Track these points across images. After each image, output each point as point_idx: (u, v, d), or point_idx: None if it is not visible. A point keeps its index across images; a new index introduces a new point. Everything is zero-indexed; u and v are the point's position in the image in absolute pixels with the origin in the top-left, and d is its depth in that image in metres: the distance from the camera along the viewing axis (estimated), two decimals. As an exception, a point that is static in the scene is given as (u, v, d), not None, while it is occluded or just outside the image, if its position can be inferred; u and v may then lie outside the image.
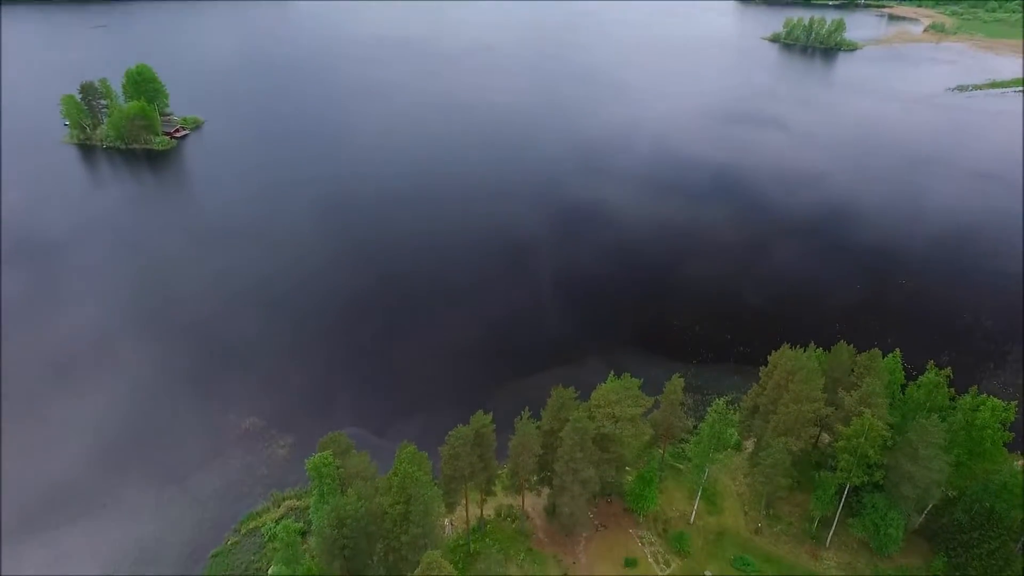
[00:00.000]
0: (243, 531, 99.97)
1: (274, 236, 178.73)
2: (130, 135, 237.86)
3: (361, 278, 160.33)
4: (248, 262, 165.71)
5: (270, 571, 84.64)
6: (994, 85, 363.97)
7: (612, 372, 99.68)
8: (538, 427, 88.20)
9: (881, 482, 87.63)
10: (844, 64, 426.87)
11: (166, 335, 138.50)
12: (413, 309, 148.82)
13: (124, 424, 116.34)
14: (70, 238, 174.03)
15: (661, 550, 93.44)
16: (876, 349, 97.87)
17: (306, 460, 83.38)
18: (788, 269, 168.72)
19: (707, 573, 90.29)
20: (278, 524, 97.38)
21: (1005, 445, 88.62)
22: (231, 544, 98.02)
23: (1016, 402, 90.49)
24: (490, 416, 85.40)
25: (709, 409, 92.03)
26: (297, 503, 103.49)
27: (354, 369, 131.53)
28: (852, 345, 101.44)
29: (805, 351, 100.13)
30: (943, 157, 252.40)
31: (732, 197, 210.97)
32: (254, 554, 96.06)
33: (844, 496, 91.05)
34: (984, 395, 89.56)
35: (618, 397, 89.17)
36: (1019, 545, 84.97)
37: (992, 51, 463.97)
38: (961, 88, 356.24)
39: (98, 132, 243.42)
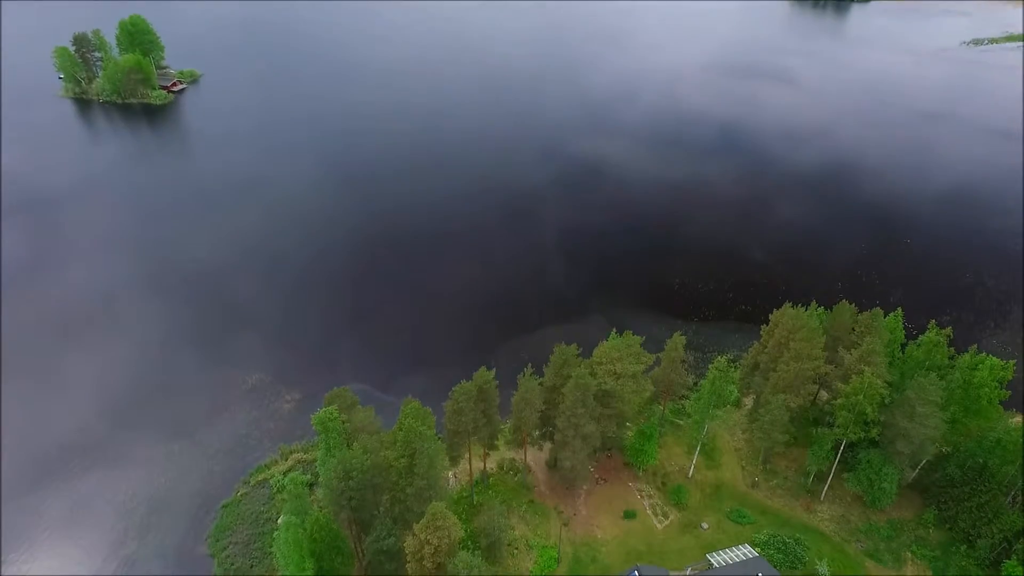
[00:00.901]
0: (252, 483, 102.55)
1: (275, 191, 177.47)
2: (126, 89, 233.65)
3: (364, 234, 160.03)
4: (250, 218, 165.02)
5: (280, 520, 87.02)
6: (1011, 39, 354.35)
7: (614, 329, 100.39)
8: (540, 383, 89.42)
9: (877, 438, 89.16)
10: (857, 17, 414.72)
11: (169, 291, 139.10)
12: (417, 266, 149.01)
13: (131, 379, 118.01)
14: (70, 194, 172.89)
15: (659, 503, 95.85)
16: (878, 308, 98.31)
17: (312, 415, 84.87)
18: (793, 226, 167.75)
19: (704, 525, 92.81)
20: (286, 476, 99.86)
21: (1002, 403, 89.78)
22: (241, 495, 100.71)
23: (1015, 361, 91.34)
24: (493, 372, 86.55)
25: (710, 366, 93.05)
26: (304, 456, 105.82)
27: (358, 325, 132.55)
28: (854, 304, 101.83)
29: (807, 310, 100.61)
30: (954, 112, 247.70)
31: (738, 152, 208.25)
32: (263, 504, 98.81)
33: (840, 452, 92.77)
34: (984, 354, 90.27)
35: (620, 354, 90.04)
36: (1008, 498, 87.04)
37: (1009, 3, 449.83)
38: (976, 42, 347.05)
39: (94, 86, 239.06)
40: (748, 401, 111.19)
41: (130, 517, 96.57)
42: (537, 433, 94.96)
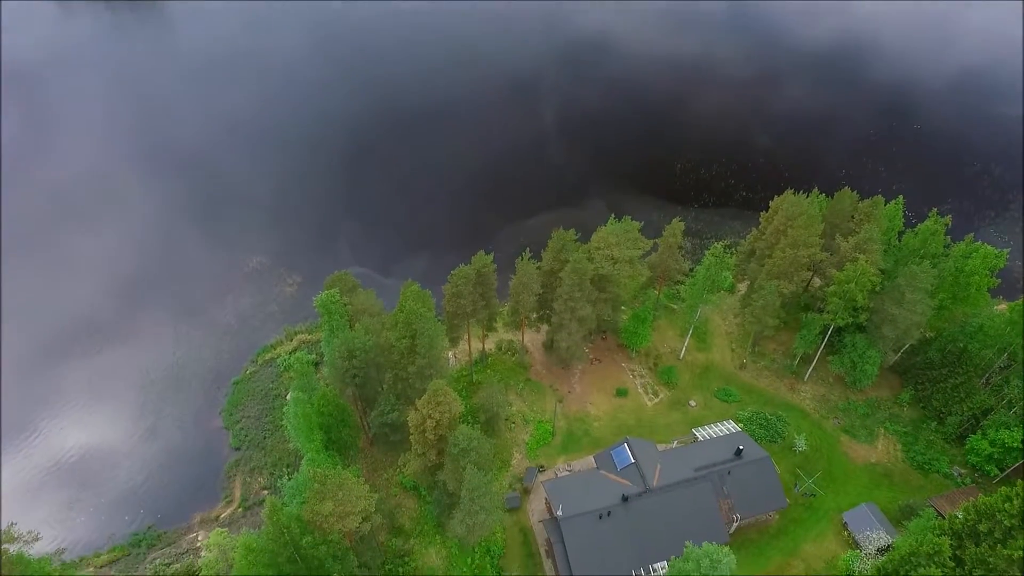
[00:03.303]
0: (259, 362, 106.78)
1: (268, 68, 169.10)
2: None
3: (361, 115, 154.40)
4: (243, 96, 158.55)
5: (288, 397, 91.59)
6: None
7: (612, 215, 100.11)
8: (538, 268, 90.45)
9: (865, 324, 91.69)
10: None
11: (165, 172, 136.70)
12: (414, 147, 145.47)
13: (134, 260, 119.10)
14: (53, 70, 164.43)
15: (651, 382, 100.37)
16: (879, 196, 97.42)
17: (314, 297, 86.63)
18: (800, 108, 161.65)
19: (692, 402, 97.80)
20: (292, 356, 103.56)
21: (990, 291, 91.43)
22: (250, 373, 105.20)
23: (1008, 250, 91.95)
24: (491, 256, 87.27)
25: (706, 252, 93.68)
26: (308, 337, 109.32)
27: (356, 209, 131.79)
28: (856, 191, 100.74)
29: (808, 196, 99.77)
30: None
31: (747, 28, 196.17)
32: (271, 382, 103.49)
33: (827, 336, 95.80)
34: (979, 243, 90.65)
35: (617, 239, 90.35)
36: (983, 380, 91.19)
37: None
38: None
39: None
40: (742, 287, 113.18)
41: (147, 392, 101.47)
42: (534, 316, 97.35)
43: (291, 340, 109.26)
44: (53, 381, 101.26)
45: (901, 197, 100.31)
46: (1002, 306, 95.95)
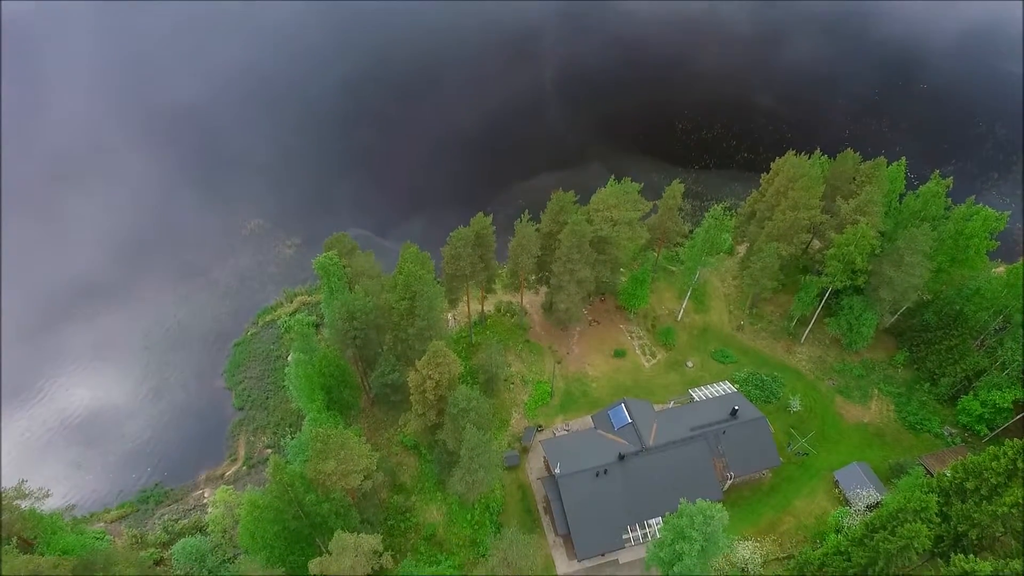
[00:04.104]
0: (260, 323, 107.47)
1: (264, 28, 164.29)
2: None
3: (358, 75, 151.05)
4: (239, 57, 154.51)
5: (289, 358, 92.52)
6: None
7: (612, 176, 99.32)
8: (537, 229, 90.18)
9: (863, 286, 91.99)
10: None
11: (162, 134, 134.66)
12: (413, 109, 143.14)
13: (133, 223, 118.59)
14: (46, 27, 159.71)
15: (648, 343, 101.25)
16: (881, 158, 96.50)
17: (313, 259, 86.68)
18: (804, 67, 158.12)
19: (689, 363, 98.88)
20: (292, 317, 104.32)
21: (989, 253, 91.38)
22: (251, 335, 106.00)
23: (1009, 212, 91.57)
24: (490, 218, 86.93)
25: (706, 214, 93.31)
26: (308, 299, 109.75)
27: (355, 170, 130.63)
28: (859, 153, 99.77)
29: (810, 158, 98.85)
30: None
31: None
32: (272, 343, 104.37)
33: (824, 298, 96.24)
34: (980, 205, 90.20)
35: (617, 201, 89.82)
36: (977, 342, 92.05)
37: None
38: None
39: None
40: (741, 249, 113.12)
41: (149, 354, 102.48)
42: (533, 277, 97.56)
43: (291, 302, 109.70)
44: (56, 342, 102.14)
45: (904, 159, 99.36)
46: (1000, 269, 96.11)
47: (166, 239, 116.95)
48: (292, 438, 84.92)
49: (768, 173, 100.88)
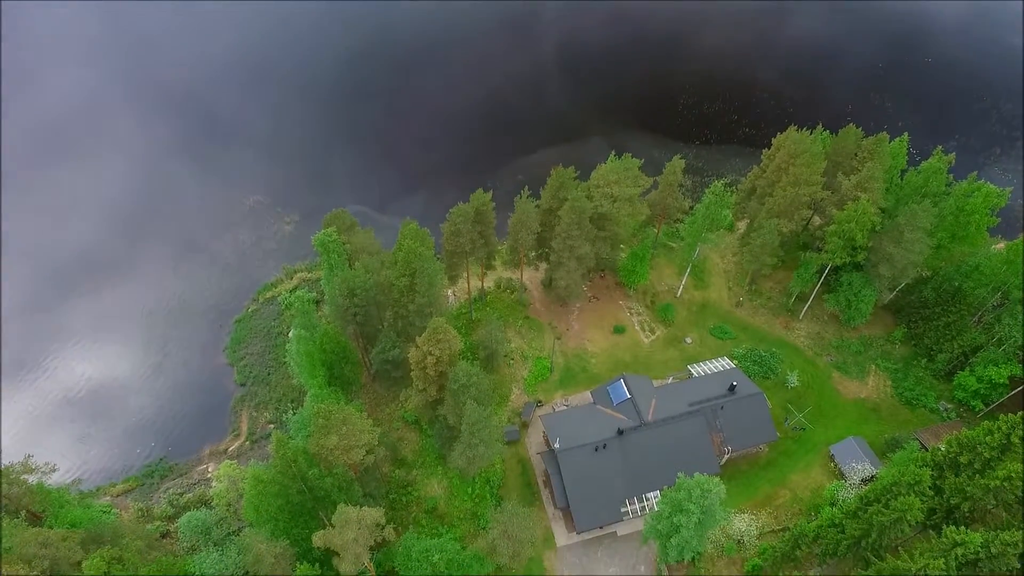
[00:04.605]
0: (260, 300, 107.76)
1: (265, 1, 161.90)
2: None
3: (358, 50, 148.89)
4: (238, 31, 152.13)
5: (290, 334, 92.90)
6: None
7: (613, 152, 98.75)
8: (537, 206, 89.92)
9: (862, 263, 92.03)
10: None
11: (160, 108, 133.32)
12: (413, 84, 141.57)
13: (132, 198, 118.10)
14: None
15: (648, 319, 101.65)
16: (884, 133, 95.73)
17: (313, 236, 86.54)
18: (808, 41, 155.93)
19: (688, 339, 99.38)
20: (292, 294, 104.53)
21: (990, 230, 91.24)
22: (251, 311, 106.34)
23: (1011, 189, 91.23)
24: (490, 194, 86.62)
25: (707, 191, 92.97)
26: (308, 275, 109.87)
27: (354, 146, 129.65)
28: (861, 128, 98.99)
29: (812, 133, 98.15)
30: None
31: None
32: (273, 320, 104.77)
33: (823, 275, 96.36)
34: (981, 181, 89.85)
35: (617, 177, 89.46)
36: (975, 318, 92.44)
37: None
38: None
39: None
40: (742, 226, 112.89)
41: (151, 330, 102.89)
42: (533, 254, 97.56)
43: (291, 279, 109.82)
44: (59, 317, 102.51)
45: (906, 135, 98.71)
46: (1000, 245, 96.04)
47: (167, 215, 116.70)
48: (294, 414, 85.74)
49: (769, 149, 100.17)
